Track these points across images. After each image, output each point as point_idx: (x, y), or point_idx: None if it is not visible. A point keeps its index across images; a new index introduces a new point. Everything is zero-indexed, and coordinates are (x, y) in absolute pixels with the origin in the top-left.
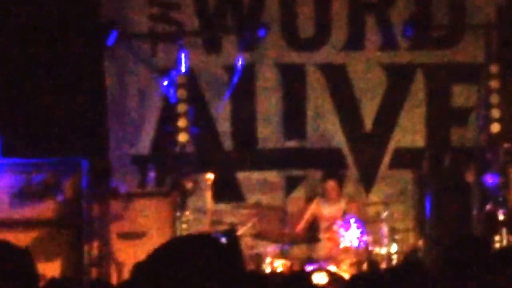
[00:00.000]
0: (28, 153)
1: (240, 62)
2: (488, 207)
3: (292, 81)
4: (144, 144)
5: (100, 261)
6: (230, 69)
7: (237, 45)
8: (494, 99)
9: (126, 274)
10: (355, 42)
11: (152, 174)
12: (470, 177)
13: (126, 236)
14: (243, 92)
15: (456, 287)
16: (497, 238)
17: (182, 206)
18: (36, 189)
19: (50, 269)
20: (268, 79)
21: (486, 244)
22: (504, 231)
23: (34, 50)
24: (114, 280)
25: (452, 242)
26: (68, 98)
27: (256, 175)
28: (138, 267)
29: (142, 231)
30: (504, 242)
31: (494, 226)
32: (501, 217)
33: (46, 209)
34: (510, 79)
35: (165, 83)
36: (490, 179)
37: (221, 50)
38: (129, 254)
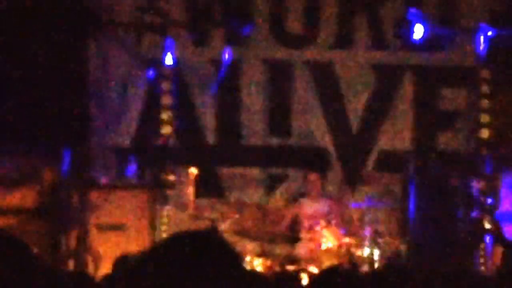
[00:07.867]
0: (8, 139)
1: (227, 55)
2: (474, 213)
3: (279, 77)
4: (126, 135)
5: (77, 252)
6: (217, 63)
7: (224, 39)
8: (484, 104)
9: (103, 266)
10: (344, 40)
11: (133, 166)
12: (455, 182)
13: (105, 227)
14: (229, 87)
15: None
16: (482, 246)
17: (162, 199)
18: (14, 177)
19: None
20: (254, 75)
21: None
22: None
23: (16, 37)
24: (90, 271)
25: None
26: (50, 86)
27: (238, 171)
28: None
29: (121, 223)
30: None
31: (479, 234)
32: (487, 225)
33: (24, 197)
34: (501, 84)
35: (150, 74)
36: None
37: (208, 43)
38: (107, 246)
